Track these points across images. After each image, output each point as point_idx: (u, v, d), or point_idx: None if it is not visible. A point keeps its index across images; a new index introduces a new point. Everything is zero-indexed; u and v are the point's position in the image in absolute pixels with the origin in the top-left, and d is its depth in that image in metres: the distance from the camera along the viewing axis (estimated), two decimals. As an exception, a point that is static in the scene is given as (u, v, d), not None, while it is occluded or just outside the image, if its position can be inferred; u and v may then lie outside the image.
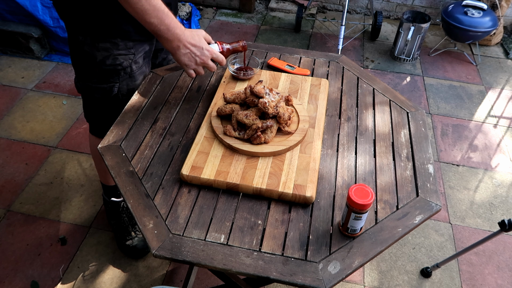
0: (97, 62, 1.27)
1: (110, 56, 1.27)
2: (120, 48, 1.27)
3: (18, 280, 1.63)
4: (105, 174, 1.68)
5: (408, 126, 1.27)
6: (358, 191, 0.89)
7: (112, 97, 1.35)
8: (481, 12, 2.77)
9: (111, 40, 1.25)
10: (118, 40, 1.26)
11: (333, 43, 3.12)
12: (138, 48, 1.32)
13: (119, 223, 1.75)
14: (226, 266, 0.90)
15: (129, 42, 1.28)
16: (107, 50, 1.26)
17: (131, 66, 1.33)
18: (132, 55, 1.31)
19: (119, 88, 1.34)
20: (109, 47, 1.26)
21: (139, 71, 1.36)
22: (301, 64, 1.51)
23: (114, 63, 1.29)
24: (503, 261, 1.78)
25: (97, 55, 1.26)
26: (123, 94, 1.36)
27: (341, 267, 0.90)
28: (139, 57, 1.34)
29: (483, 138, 2.39)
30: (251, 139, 1.11)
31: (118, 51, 1.28)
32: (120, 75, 1.32)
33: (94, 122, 1.51)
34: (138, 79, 1.38)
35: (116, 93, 1.34)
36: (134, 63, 1.33)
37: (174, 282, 1.66)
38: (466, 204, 2.01)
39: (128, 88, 1.36)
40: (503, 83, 2.83)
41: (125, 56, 1.30)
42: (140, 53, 1.34)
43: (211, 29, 3.25)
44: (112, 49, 1.27)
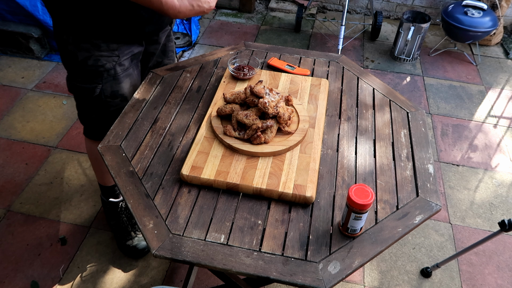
0: (79, 61, 1.26)
1: (91, 56, 1.25)
2: (102, 49, 1.25)
3: (18, 280, 1.63)
4: (103, 175, 1.66)
5: (408, 126, 1.27)
6: (358, 191, 0.89)
7: (94, 97, 1.32)
8: (481, 12, 2.77)
9: (92, 41, 1.23)
10: (99, 41, 1.24)
11: (333, 43, 3.12)
12: (123, 50, 1.30)
13: (118, 224, 1.75)
14: (226, 266, 0.90)
15: (112, 44, 1.26)
16: (88, 51, 1.24)
17: (114, 68, 1.30)
18: (116, 57, 1.29)
19: (102, 90, 1.31)
20: (90, 48, 1.24)
21: (124, 74, 1.33)
22: (301, 64, 1.51)
23: (95, 64, 1.26)
24: (503, 261, 1.78)
25: (78, 55, 1.25)
26: (107, 95, 1.33)
27: (341, 267, 0.90)
28: (125, 59, 1.32)
29: (483, 138, 2.39)
30: (251, 139, 1.11)
31: (100, 53, 1.25)
32: (103, 77, 1.29)
33: (85, 123, 1.49)
34: (123, 82, 1.35)
35: (99, 94, 1.32)
36: (118, 65, 1.30)
37: (174, 282, 1.66)
38: (466, 204, 2.01)
39: (112, 90, 1.33)
40: (503, 83, 2.83)
41: (108, 58, 1.27)
42: (126, 56, 1.31)
43: (211, 29, 3.25)
44: (94, 50, 1.24)
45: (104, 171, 1.64)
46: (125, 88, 1.36)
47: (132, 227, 1.75)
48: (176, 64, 1.48)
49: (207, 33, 3.20)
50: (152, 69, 1.47)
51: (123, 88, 1.36)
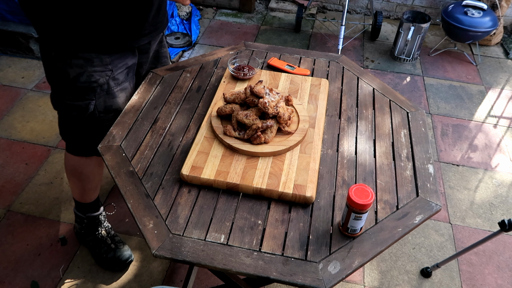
0: (71, 79, 1.20)
1: (84, 73, 1.19)
2: (95, 64, 1.19)
3: (18, 280, 1.63)
4: (83, 192, 1.57)
5: (408, 126, 1.27)
6: (358, 191, 0.89)
7: (88, 115, 1.27)
8: (481, 12, 2.77)
9: (84, 56, 1.17)
10: (92, 55, 1.18)
11: (333, 43, 3.12)
12: (116, 63, 1.24)
13: (96, 238, 1.67)
14: (226, 266, 0.90)
15: (105, 58, 1.20)
16: (81, 67, 1.18)
17: (108, 83, 1.24)
18: (109, 71, 1.23)
19: (95, 106, 1.26)
20: (83, 64, 1.18)
21: (118, 88, 1.28)
22: (301, 64, 1.51)
23: (89, 80, 1.21)
24: (503, 261, 1.78)
25: (70, 72, 1.18)
26: (100, 111, 1.28)
27: (341, 267, 0.90)
28: (119, 73, 1.26)
29: (483, 138, 2.39)
30: (251, 139, 1.11)
31: (93, 68, 1.20)
32: (96, 92, 1.24)
33: (71, 140, 1.41)
34: (118, 96, 1.29)
35: (93, 111, 1.26)
36: (112, 79, 1.25)
37: (174, 282, 1.66)
38: (466, 204, 2.01)
39: (106, 105, 1.28)
40: (503, 83, 2.83)
41: (101, 72, 1.22)
42: (119, 69, 1.26)
43: (211, 29, 3.25)
44: (86, 66, 1.18)
45: (86, 188, 1.56)
46: (120, 103, 1.30)
47: (111, 239, 1.69)
48: (176, 64, 1.48)
49: (207, 33, 3.20)
50: (143, 77, 1.43)
51: (117, 103, 1.30)
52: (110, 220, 1.84)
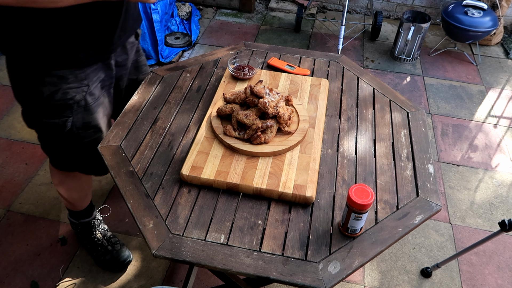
0: (45, 97, 1.14)
1: (58, 90, 1.13)
2: (69, 81, 1.14)
3: (18, 280, 1.63)
4: (73, 202, 1.55)
5: (408, 126, 1.27)
6: (358, 191, 0.89)
7: (66, 132, 1.21)
8: (481, 12, 2.77)
9: (57, 74, 1.11)
10: (66, 72, 1.12)
11: (333, 43, 3.12)
12: (92, 78, 1.19)
13: (93, 241, 1.67)
14: (226, 266, 0.90)
15: (80, 73, 1.15)
16: (55, 85, 1.12)
17: (85, 99, 1.19)
18: (85, 87, 1.18)
19: (73, 123, 1.20)
20: (56, 82, 1.12)
21: (95, 103, 1.23)
22: (301, 64, 1.51)
23: (64, 98, 1.15)
24: (503, 261, 1.78)
25: (43, 90, 1.12)
26: (79, 128, 1.22)
27: (341, 267, 0.90)
28: (95, 87, 1.21)
29: (483, 138, 2.39)
30: (251, 139, 1.11)
31: (68, 85, 1.14)
32: (73, 109, 1.18)
33: (52, 155, 1.35)
34: (96, 112, 1.24)
35: (70, 128, 1.21)
36: (89, 95, 1.19)
37: (174, 282, 1.66)
38: (466, 204, 2.01)
39: (84, 121, 1.22)
40: (503, 83, 2.83)
41: (77, 89, 1.16)
42: (95, 83, 1.21)
43: (211, 29, 3.25)
44: (60, 83, 1.13)
45: (76, 198, 1.54)
46: (98, 119, 1.25)
47: (108, 241, 1.68)
48: (176, 64, 1.48)
49: (207, 33, 3.20)
50: (127, 89, 1.40)
51: (96, 119, 1.24)
52: (110, 220, 1.84)
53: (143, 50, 2.67)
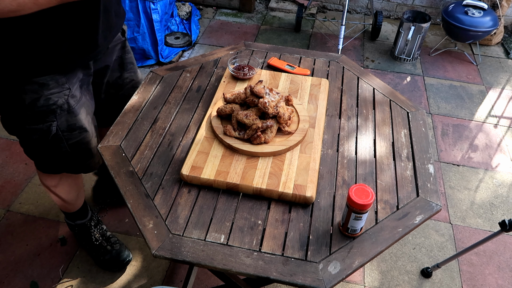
0: (26, 105, 1.12)
1: (40, 97, 1.12)
2: (51, 87, 1.12)
3: (18, 280, 1.63)
4: (65, 203, 1.54)
5: (408, 126, 1.27)
6: (358, 191, 0.89)
7: (52, 137, 1.20)
8: (481, 11, 2.77)
9: (38, 81, 1.10)
10: (47, 78, 1.11)
11: (333, 43, 3.12)
12: (72, 80, 1.17)
13: (91, 242, 1.66)
14: (226, 266, 0.90)
15: (61, 78, 1.13)
16: (36, 92, 1.11)
17: (68, 102, 1.18)
18: (67, 90, 1.16)
19: (57, 126, 1.19)
20: (38, 89, 1.11)
21: (78, 105, 1.21)
22: (301, 64, 1.51)
23: (47, 104, 1.14)
24: (504, 261, 1.78)
25: (25, 98, 1.11)
26: (64, 130, 1.21)
27: (341, 267, 0.90)
28: (76, 89, 1.19)
29: (483, 138, 2.39)
30: (251, 139, 1.11)
31: (49, 91, 1.13)
32: (56, 113, 1.17)
33: (37, 159, 1.33)
34: (79, 113, 1.23)
35: (56, 132, 1.20)
36: (70, 97, 1.18)
37: (174, 282, 1.66)
38: (466, 204, 2.01)
39: (69, 124, 1.21)
40: (504, 83, 2.83)
41: (59, 93, 1.15)
42: (75, 85, 1.19)
43: (211, 29, 3.25)
44: (42, 90, 1.11)
45: (67, 200, 1.52)
46: (82, 119, 1.24)
47: (107, 241, 1.67)
48: (176, 64, 1.48)
49: (207, 33, 3.20)
50: (111, 85, 1.39)
51: (80, 120, 1.23)
52: (110, 220, 1.84)
53: (143, 50, 2.70)
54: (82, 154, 1.31)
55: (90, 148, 1.32)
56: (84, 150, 1.30)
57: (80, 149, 1.29)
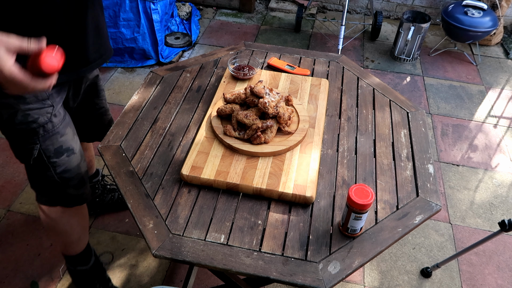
0: (4, 120, 1.03)
1: (17, 112, 1.01)
2: (28, 101, 1.01)
3: (18, 280, 1.63)
4: (68, 244, 1.40)
5: (408, 126, 1.27)
6: (358, 191, 0.89)
7: (34, 160, 1.10)
8: (481, 12, 2.77)
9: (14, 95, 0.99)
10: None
11: (333, 43, 3.12)
12: (55, 97, 1.07)
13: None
14: (226, 266, 0.90)
15: (41, 92, 1.02)
16: (12, 107, 1.01)
17: (51, 121, 1.07)
18: (49, 107, 1.06)
19: (42, 151, 1.09)
20: (13, 103, 1.00)
21: (63, 124, 1.11)
22: (301, 64, 1.51)
23: (25, 121, 1.03)
24: (503, 261, 1.78)
25: (2, 113, 1.02)
26: (50, 156, 1.11)
27: (341, 267, 0.90)
28: (59, 107, 1.09)
29: (483, 138, 2.39)
30: (251, 139, 1.11)
31: (27, 106, 1.02)
32: (39, 135, 1.06)
33: (35, 188, 1.23)
34: (66, 133, 1.13)
35: (38, 156, 1.09)
36: (54, 116, 1.07)
37: (174, 282, 1.66)
38: (466, 204, 2.01)
39: (55, 148, 1.10)
40: (503, 83, 2.83)
41: (39, 110, 1.04)
42: (59, 103, 1.09)
43: (211, 29, 3.25)
44: (18, 104, 1.01)
45: (69, 240, 1.38)
46: (69, 140, 1.15)
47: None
48: (176, 64, 1.48)
49: (207, 33, 3.20)
50: (79, 107, 1.30)
51: (67, 141, 1.14)
52: (110, 221, 1.84)
53: (143, 50, 2.70)
54: (74, 182, 1.20)
55: (81, 174, 1.22)
56: (75, 176, 1.20)
57: (71, 177, 1.18)
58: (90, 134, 1.47)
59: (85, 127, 1.41)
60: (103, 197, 1.79)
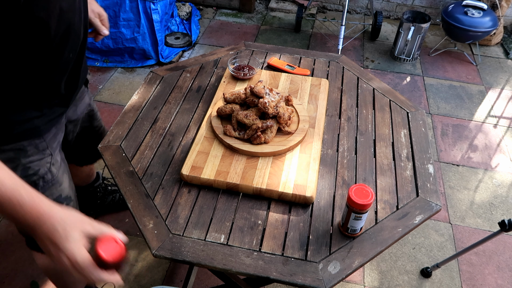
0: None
1: (17, 167, 0.95)
2: (29, 153, 0.96)
3: (18, 280, 1.63)
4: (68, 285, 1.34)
5: (408, 126, 1.27)
6: (358, 191, 0.89)
7: None
8: (481, 12, 2.77)
9: (14, 148, 0.93)
10: (24, 144, 0.94)
11: (333, 43, 3.12)
12: (52, 144, 1.01)
13: None
14: (226, 266, 0.90)
15: (41, 142, 0.97)
16: (12, 161, 0.94)
17: (50, 171, 1.01)
18: (48, 156, 1.00)
19: None
20: (14, 157, 0.94)
21: (60, 171, 1.06)
22: (301, 64, 1.51)
23: (26, 174, 0.97)
24: (503, 261, 1.78)
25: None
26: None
27: (341, 267, 0.90)
28: (57, 153, 1.04)
29: (483, 138, 2.39)
30: (251, 139, 1.11)
31: (28, 159, 0.96)
32: (38, 187, 1.00)
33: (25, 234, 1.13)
34: (63, 181, 1.08)
35: None
36: (52, 165, 1.02)
37: (174, 282, 1.66)
38: (466, 204, 2.01)
39: (54, 198, 1.04)
40: (503, 83, 2.83)
41: (40, 161, 0.98)
42: (56, 149, 1.04)
43: (211, 29, 3.25)
44: (19, 158, 0.95)
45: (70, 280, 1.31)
46: (67, 187, 1.10)
47: None
48: (176, 64, 1.48)
49: (207, 33, 3.20)
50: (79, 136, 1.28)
51: (65, 189, 1.09)
52: (110, 221, 1.84)
53: (143, 50, 2.70)
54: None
55: None
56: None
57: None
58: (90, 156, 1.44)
59: (86, 150, 1.36)
60: (104, 198, 1.79)
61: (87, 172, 1.61)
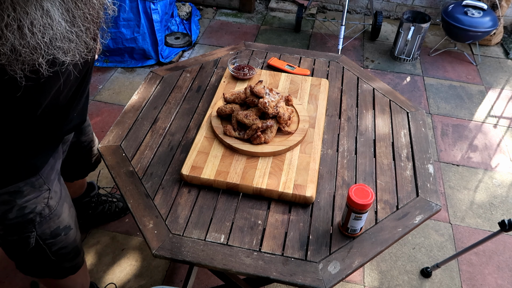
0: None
1: (12, 208, 0.91)
2: (25, 193, 0.91)
3: (18, 280, 1.63)
4: None
5: (408, 126, 1.27)
6: (358, 191, 0.89)
7: (30, 250, 0.99)
8: (481, 12, 2.77)
9: (9, 191, 0.89)
10: (20, 185, 0.90)
11: (333, 43, 3.12)
12: (49, 176, 0.96)
13: None
14: (226, 266, 0.90)
15: (38, 180, 0.93)
16: (7, 203, 0.90)
17: (48, 206, 0.97)
18: (46, 191, 0.96)
19: (38, 237, 0.98)
20: (9, 199, 0.90)
21: (60, 202, 1.01)
22: (301, 64, 1.51)
23: (21, 214, 0.92)
24: (503, 261, 1.78)
25: None
26: (46, 239, 1.00)
27: (341, 267, 0.90)
28: (55, 185, 0.99)
29: (483, 138, 2.39)
30: (251, 139, 1.11)
31: (23, 198, 0.91)
32: (35, 223, 0.96)
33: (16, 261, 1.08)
34: (63, 212, 1.03)
35: (35, 244, 0.99)
36: (51, 199, 0.97)
37: (174, 282, 1.66)
38: (466, 204, 2.01)
39: (52, 230, 1.01)
40: (503, 83, 2.83)
41: (37, 198, 0.94)
42: (54, 181, 0.99)
43: (211, 29, 3.25)
44: (14, 200, 0.90)
45: None
46: (66, 218, 1.05)
47: None
48: (176, 64, 1.48)
49: (207, 33, 3.20)
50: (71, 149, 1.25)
51: (64, 220, 1.04)
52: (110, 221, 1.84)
53: (143, 50, 2.70)
54: (70, 256, 1.11)
55: (76, 244, 1.13)
56: (71, 250, 1.11)
57: (67, 252, 1.09)
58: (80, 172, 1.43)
59: (75, 166, 1.35)
60: (96, 209, 1.72)
61: (79, 184, 1.57)
